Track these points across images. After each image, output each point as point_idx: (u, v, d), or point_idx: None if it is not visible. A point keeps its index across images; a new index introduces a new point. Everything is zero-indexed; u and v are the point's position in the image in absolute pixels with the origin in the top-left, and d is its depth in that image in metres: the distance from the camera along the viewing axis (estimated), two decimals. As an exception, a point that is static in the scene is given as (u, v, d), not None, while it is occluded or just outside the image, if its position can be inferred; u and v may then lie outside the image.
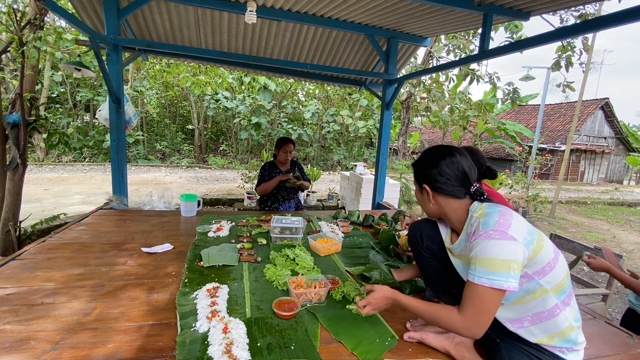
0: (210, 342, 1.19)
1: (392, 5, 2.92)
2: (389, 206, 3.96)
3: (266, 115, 14.33)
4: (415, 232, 1.47)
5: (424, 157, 1.27)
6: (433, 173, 1.22)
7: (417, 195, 1.33)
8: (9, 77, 8.47)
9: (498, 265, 1.00)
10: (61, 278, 1.64)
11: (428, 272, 1.44)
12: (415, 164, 1.31)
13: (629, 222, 8.65)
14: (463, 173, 1.20)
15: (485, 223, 1.07)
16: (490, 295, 1.02)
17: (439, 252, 1.37)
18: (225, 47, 4.11)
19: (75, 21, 2.47)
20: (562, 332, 1.08)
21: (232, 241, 2.26)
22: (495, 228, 1.04)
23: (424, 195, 1.27)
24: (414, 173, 1.31)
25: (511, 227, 1.03)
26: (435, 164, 1.22)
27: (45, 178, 9.24)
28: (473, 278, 1.05)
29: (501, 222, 1.05)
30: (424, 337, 1.28)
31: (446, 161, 1.21)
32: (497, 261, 1.01)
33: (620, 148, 19.90)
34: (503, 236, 1.02)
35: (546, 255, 1.06)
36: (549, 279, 1.06)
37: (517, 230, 1.03)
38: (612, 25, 1.90)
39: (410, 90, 8.34)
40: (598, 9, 6.61)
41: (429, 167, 1.23)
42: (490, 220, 1.07)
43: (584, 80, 7.50)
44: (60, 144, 3.92)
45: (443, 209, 1.24)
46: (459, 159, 1.21)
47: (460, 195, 1.21)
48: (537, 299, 1.07)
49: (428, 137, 20.16)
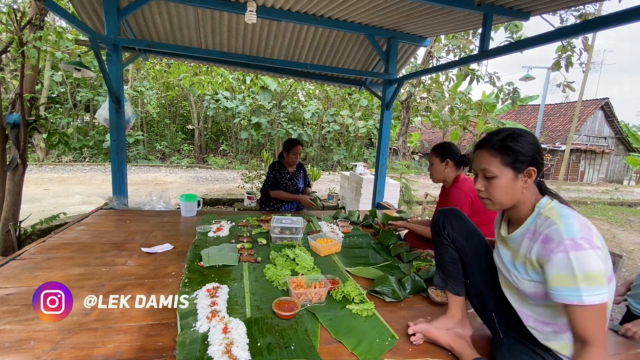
0: (210, 342, 1.19)
1: (392, 5, 2.92)
2: (389, 206, 3.96)
3: (266, 115, 14.33)
4: (439, 217, 1.45)
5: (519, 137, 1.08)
6: (539, 156, 1.08)
7: (499, 184, 1.10)
8: (9, 77, 8.46)
9: (601, 278, 0.91)
10: (61, 278, 1.64)
11: (443, 258, 1.41)
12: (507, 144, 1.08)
13: (629, 222, 8.64)
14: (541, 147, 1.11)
15: (569, 229, 0.95)
16: (601, 310, 0.93)
17: (458, 241, 1.37)
18: (225, 47, 4.11)
19: (75, 21, 2.47)
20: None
21: (232, 241, 2.26)
22: (583, 236, 0.94)
23: (516, 183, 1.08)
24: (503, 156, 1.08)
25: (594, 235, 0.95)
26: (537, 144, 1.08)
27: (45, 178, 9.24)
28: (581, 299, 0.91)
29: (585, 230, 0.95)
30: (427, 330, 1.29)
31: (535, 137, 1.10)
32: (600, 275, 0.91)
33: (620, 148, 19.90)
34: (592, 245, 0.93)
35: (609, 266, 0.99)
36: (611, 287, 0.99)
37: (599, 238, 0.96)
38: (612, 25, 1.90)
39: (410, 90, 8.35)
40: (598, 9, 6.61)
41: (536, 148, 1.07)
42: (572, 226, 0.96)
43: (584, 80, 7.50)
44: (60, 144, 3.92)
45: (527, 198, 1.11)
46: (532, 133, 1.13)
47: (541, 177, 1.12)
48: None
49: (428, 137, 20.15)
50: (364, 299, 1.55)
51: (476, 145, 1.19)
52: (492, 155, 1.11)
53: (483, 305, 1.32)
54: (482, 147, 1.15)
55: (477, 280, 1.33)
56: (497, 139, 1.11)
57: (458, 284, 1.39)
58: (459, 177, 2.16)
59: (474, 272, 1.33)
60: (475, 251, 1.34)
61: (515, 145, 1.07)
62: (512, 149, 1.07)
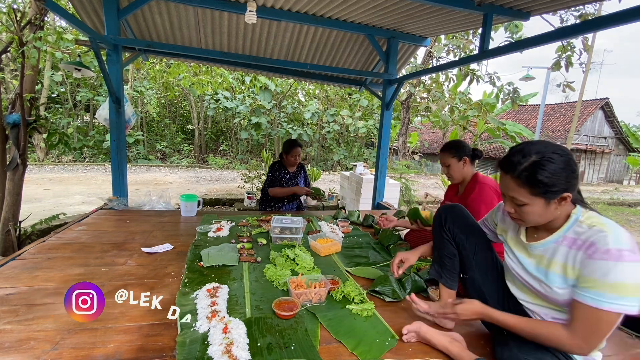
0: (210, 342, 1.19)
1: (392, 5, 2.92)
2: (389, 206, 3.96)
3: (266, 115, 14.33)
4: (442, 212, 1.48)
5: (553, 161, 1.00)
6: (573, 178, 1.02)
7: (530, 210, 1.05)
8: (9, 77, 8.46)
9: (632, 290, 0.91)
10: (61, 278, 1.64)
11: (441, 252, 1.44)
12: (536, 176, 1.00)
13: (629, 222, 8.64)
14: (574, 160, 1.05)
15: (618, 240, 0.94)
16: (613, 318, 0.94)
17: (458, 237, 1.39)
18: (225, 47, 4.11)
19: (75, 21, 2.47)
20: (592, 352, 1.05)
21: (232, 241, 2.26)
22: (631, 248, 0.92)
23: (550, 207, 1.03)
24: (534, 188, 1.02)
25: (637, 246, 0.93)
26: (570, 166, 1.01)
27: (45, 178, 9.23)
28: (599, 304, 0.93)
29: (630, 241, 0.94)
30: (419, 328, 1.30)
31: (571, 159, 1.02)
32: (632, 286, 0.91)
33: (620, 148, 19.90)
34: (635, 258, 0.91)
35: None
36: None
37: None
38: (612, 25, 1.90)
39: (410, 90, 8.35)
40: (598, 9, 6.61)
41: (569, 172, 1.01)
42: (621, 237, 0.94)
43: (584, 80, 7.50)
44: (60, 144, 3.92)
45: (563, 213, 1.07)
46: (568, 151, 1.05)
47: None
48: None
49: (428, 137, 20.14)
50: (364, 299, 1.55)
51: (500, 165, 1.11)
52: (519, 186, 1.04)
53: (483, 300, 1.33)
54: (507, 172, 1.07)
55: (476, 276, 1.35)
56: (523, 169, 1.02)
57: (453, 278, 1.43)
58: (477, 174, 2.10)
59: (472, 268, 1.36)
60: (474, 248, 1.36)
61: (544, 178, 0.99)
62: (542, 182, 1.00)
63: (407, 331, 1.31)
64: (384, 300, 1.62)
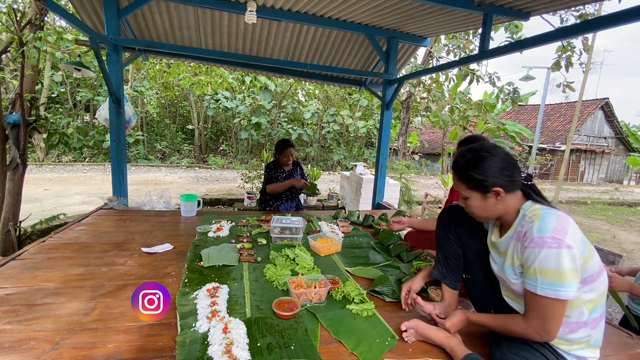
0: (210, 342, 1.19)
1: (392, 5, 2.92)
2: (389, 206, 3.96)
3: (266, 115, 14.33)
4: (448, 212, 1.48)
5: (478, 162, 1.13)
6: (502, 174, 1.11)
7: (473, 204, 1.18)
8: (9, 77, 8.47)
9: (561, 275, 0.98)
10: (61, 278, 1.64)
11: (447, 254, 1.44)
12: (468, 172, 1.15)
13: (629, 222, 8.64)
14: (514, 160, 1.15)
15: (542, 228, 1.03)
16: (555, 305, 1.01)
17: (464, 237, 1.40)
18: (225, 47, 4.11)
19: (75, 21, 2.47)
20: (573, 344, 1.09)
21: (232, 241, 2.26)
22: (553, 235, 1.00)
23: (488, 201, 1.15)
24: (467, 183, 1.16)
25: (568, 234, 1.00)
26: (504, 163, 1.12)
27: (45, 178, 9.23)
28: (535, 289, 1.02)
29: (558, 228, 1.01)
30: (417, 324, 1.31)
31: (499, 156, 1.13)
32: (559, 271, 0.98)
33: (620, 148, 19.90)
34: (560, 244, 0.99)
35: (593, 266, 1.05)
36: (587, 289, 1.05)
37: (573, 238, 1.01)
38: (612, 25, 1.90)
39: (410, 90, 8.35)
40: (598, 9, 6.61)
41: (495, 170, 1.11)
42: (547, 225, 1.02)
43: (584, 80, 7.50)
44: (60, 144, 3.92)
45: (507, 208, 1.15)
46: (501, 150, 1.16)
47: (518, 186, 1.16)
48: (572, 310, 1.06)
49: (428, 137, 20.14)
50: (364, 299, 1.55)
51: (451, 166, 1.27)
52: (459, 180, 1.20)
53: (483, 302, 1.34)
54: (453, 170, 1.24)
55: (479, 277, 1.35)
56: (460, 166, 1.19)
57: (457, 279, 1.43)
58: None
59: (475, 269, 1.36)
60: (479, 249, 1.35)
61: (474, 174, 1.14)
62: (472, 177, 1.15)
63: (405, 327, 1.31)
64: (384, 300, 1.62)
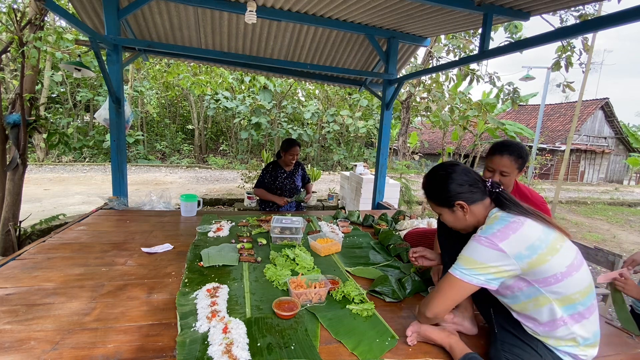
0: (210, 342, 1.19)
1: (392, 5, 2.92)
2: (389, 206, 3.96)
3: (266, 115, 14.33)
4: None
5: (438, 181, 1.27)
6: (461, 189, 1.23)
7: (447, 219, 1.31)
8: (9, 77, 8.46)
9: (474, 263, 1.11)
10: (61, 278, 1.64)
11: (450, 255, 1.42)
12: (432, 192, 1.30)
13: (629, 222, 8.64)
14: (473, 174, 1.26)
15: (486, 230, 1.13)
16: (457, 284, 1.13)
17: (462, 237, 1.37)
18: (225, 47, 4.11)
19: (75, 21, 2.47)
20: (560, 341, 1.11)
21: (232, 241, 2.26)
22: (489, 237, 1.10)
23: (457, 214, 1.26)
24: (435, 202, 1.30)
25: (505, 240, 1.08)
26: (454, 180, 1.24)
27: (45, 178, 9.24)
28: (453, 271, 1.15)
29: (498, 234, 1.10)
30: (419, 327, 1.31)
31: (456, 173, 1.25)
32: (475, 261, 1.11)
33: (620, 148, 19.91)
34: (491, 245, 1.09)
35: (551, 268, 1.08)
36: (555, 289, 1.08)
37: (512, 245, 1.08)
38: (612, 25, 1.90)
39: (410, 90, 8.34)
40: (598, 9, 6.61)
41: (454, 186, 1.23)
42: (489, 230, 1.12)
43: (584, 80, 7.49)
44: (60, 144, 3.92)
45: (477, 217, 1.25)
46: (459, 167, 1.27)
47: (483, 196, 1.25)
48: (540, 307, 1.10)
49: (428, 137, 20.15)
50: (364, 299, 1.55)
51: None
52: (427, 200, 1.35)
53: (483, 302, 1.33)
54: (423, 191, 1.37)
55: None
56: (424, 188, 1.33)
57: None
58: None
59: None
60: None
61: (436, 192, 1.29)
62: (433, 197, 1.30)
63: (410, 333, 1.31)
64: (384, 300, 1.62)
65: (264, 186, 3.31)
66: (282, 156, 3.30)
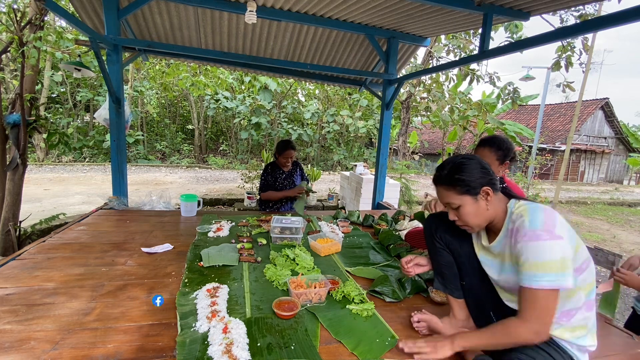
0: (210, 342, 1.19)
1: (392, 5, 2.92)
2: (389, 206, 3.96)
3: (266, 115, 14.33)
4: (430, 222, 1.46)
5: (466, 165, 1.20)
6: (488, 174, 1.19)
7: (467, 211, 1.20)
8: (9, 77, 8.46)
9: (553, 266, 1.01)
10: (61, 278, 1.64)
11: (439, 262, 1.42)
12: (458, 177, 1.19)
13: (629, 222, 8.64)
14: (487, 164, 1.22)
15: (533, 222, 1.06)
16: (550, 295, 1.03)
17: (452, 243, 1.37)
18: (225, 47, 4.11)
19: (75, 21, 2.47)
20: (575, 330, 1.11)
21: (232, 241, 2.26)
22: (545, 228, 1.04)
23: (479, 204, 1.18)
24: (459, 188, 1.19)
25: (557, 225, 1.04)
26: (482, 165, 1.20)
27: (45, 178, 9.23)
28: (531, 283, 1.03)
29: (548, 221, 1.05)
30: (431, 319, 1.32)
31: (479, 160, 1.22)
32: (551, 263, 1.01)
33: (620, 148, 19.91)
34: (552, 236, 1.02)
35: (583, 253, 1.09)
36: (584, 277, 1.08)
37: (563, 228, 1.05)
38: (612, 25, 1.90)
39: (410, 90, 8.35)
40: (598, 9, 6.61)
41: (482, 171, 1.19)
42: (537, 219, 1.06)
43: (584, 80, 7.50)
44: (60, 144, 3.92)
45: (496, 209, 1.20)
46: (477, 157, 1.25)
47: (499, 189, 1.23)
48: (571, 297, 1.09)
49: (428, 137, 20.15)
50: (364, 299, 1.55)
51: (433, 181, 1.29)
52: (448, 190, 1.22)
53: (480, 305, 1.32)
54: (437, 184, 1.26)
55: (473, 281, 1.33)
56: (445, 175, 1.22)
57: (457, 286, 1.39)
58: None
59: (468, 273, 1.34)
60: (468, 253, 1.34)
61: (462, 176, 1.19)
62: (460, 180, 1.19)
63: (418, 319, 1.30)
64: (384, 300, 1.62)
65: (269, 187, 3.29)
66: (276, 158, 3.29)
